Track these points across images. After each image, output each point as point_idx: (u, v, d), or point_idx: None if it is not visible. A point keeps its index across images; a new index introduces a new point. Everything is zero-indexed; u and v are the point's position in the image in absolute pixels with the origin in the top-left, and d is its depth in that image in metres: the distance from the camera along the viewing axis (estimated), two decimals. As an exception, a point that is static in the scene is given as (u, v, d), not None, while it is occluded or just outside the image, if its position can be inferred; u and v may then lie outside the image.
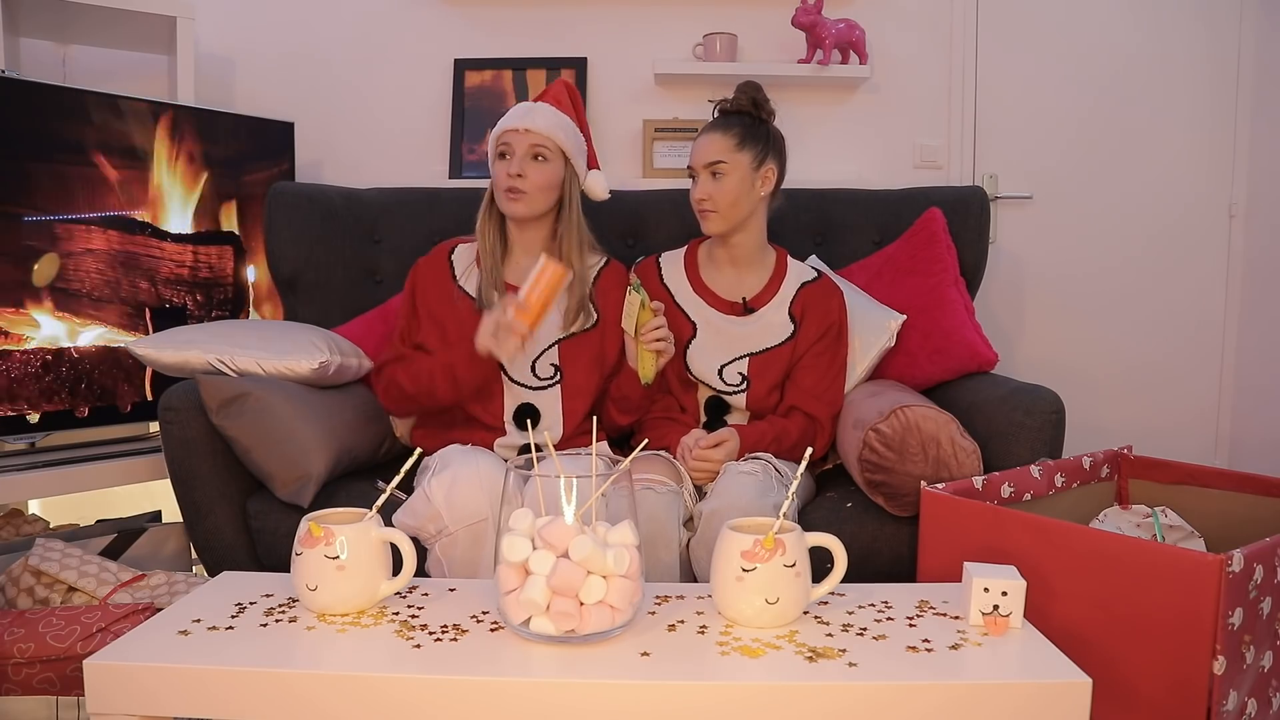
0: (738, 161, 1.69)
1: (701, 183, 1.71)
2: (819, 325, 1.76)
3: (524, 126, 1.69)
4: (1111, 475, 1.69)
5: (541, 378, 1.73)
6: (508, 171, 1.68)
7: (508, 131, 1.70)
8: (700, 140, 1.73)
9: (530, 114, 1.71)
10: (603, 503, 1.04)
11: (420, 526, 1.48)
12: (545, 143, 1.69)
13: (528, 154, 1.68)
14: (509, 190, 1.68)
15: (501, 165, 1.70)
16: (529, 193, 1.69)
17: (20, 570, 1.58)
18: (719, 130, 1.72)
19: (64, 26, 2.28)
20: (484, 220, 1.76)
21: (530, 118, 1.70)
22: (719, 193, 1.69)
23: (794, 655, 1.00)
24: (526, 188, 1.68)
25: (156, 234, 2.08)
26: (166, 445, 1.66)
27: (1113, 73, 2.62)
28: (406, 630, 1.06)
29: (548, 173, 1.70)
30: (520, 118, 1.70)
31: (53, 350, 1.91)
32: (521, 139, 1.68)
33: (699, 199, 1.72)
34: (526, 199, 1.69)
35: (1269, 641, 1.21)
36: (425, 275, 1.79)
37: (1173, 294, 2.69)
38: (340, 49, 2.58)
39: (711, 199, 1.70)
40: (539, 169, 1.69)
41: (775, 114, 1.76)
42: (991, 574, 1.08)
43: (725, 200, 1.70)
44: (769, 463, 1.61)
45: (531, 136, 1.68)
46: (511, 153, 1.69)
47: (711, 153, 1.70)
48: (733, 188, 1.69)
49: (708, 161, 1.70)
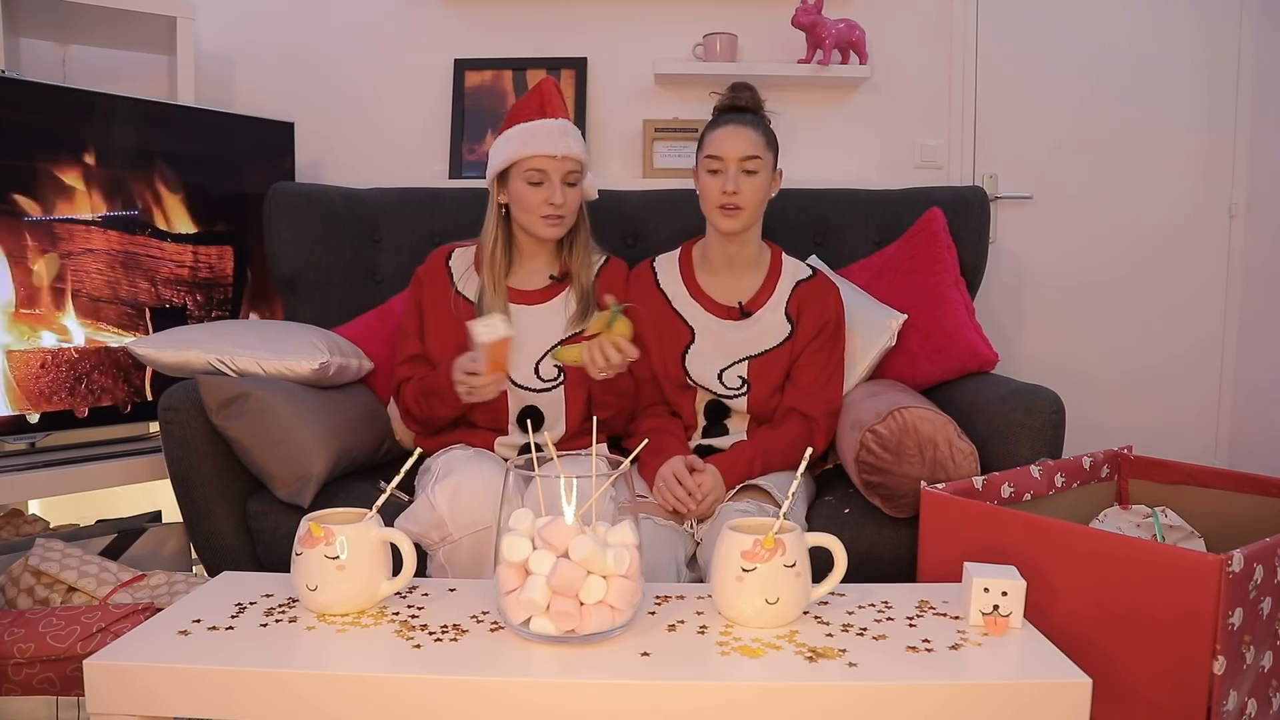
0: (768, 160, 1.67)
1: (733, 177, 1.63)
2: (816, 322, 1.75)
3: (562, 153, 1.65)
4: (1111, 475, 1.69)
5: (545, 379, 1.73)
6: (550, 201, 1.65)
7: (542, 157, 1.65)
8: (729, 132, 1.65)
9: (564, 138, 1.66)
10: (604, 501, 1.04)
11: (424, 533, 1.48)
12: (578, 167, 1.68)
13: (564, 180, 1.67)
14: (550, 217, 1.67)
15: (537, 193, 1.66)
16: (566, 217, 1.69)
17: (20, 570, 1.58)
18: (748, 125, 1.66)
19: (64, 26, 2.28)
20: (495, 231, 1.74)
21: (566, 143, 1.65)
22: (751, 189, 1.64)
23: (794, 655, 1.00)
24: (565, 213, 1.68)
25: (156, 234, 2.08)
26: (166, 445, 1.66)
27: (1113, 72, 2.62)
28: (406, 630, 1.06)
29: (578, 195, 1.71)
30: (557, 143, 1.65)
31: (52, 350, 1.91)
32: (559, 165, 1.65)
33: (730, 193, 1.63)
34: (564, 222, 1.70)
35: (1269, 641, 1.21)
36: (425, 283, 1.78)
37: (1173, 294, 2.69)
38: (340, 49, 2.58)
39: (742, 194, 1.64)
40: (573, 193, 1.69)
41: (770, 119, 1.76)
42: (991, 574, 1.08)
43: (755, 198, 1.66)
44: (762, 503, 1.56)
45: (568, 164, 1.66)
46: (548, 179, 1.65)
47: (747, 146, 1.63)
48: (763, 185, 1.66)
49: (744, 155, 1.63)
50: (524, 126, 1.68)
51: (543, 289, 1.77)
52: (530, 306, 1.75)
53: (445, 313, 1.75)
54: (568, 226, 1.72)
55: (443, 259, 1.81)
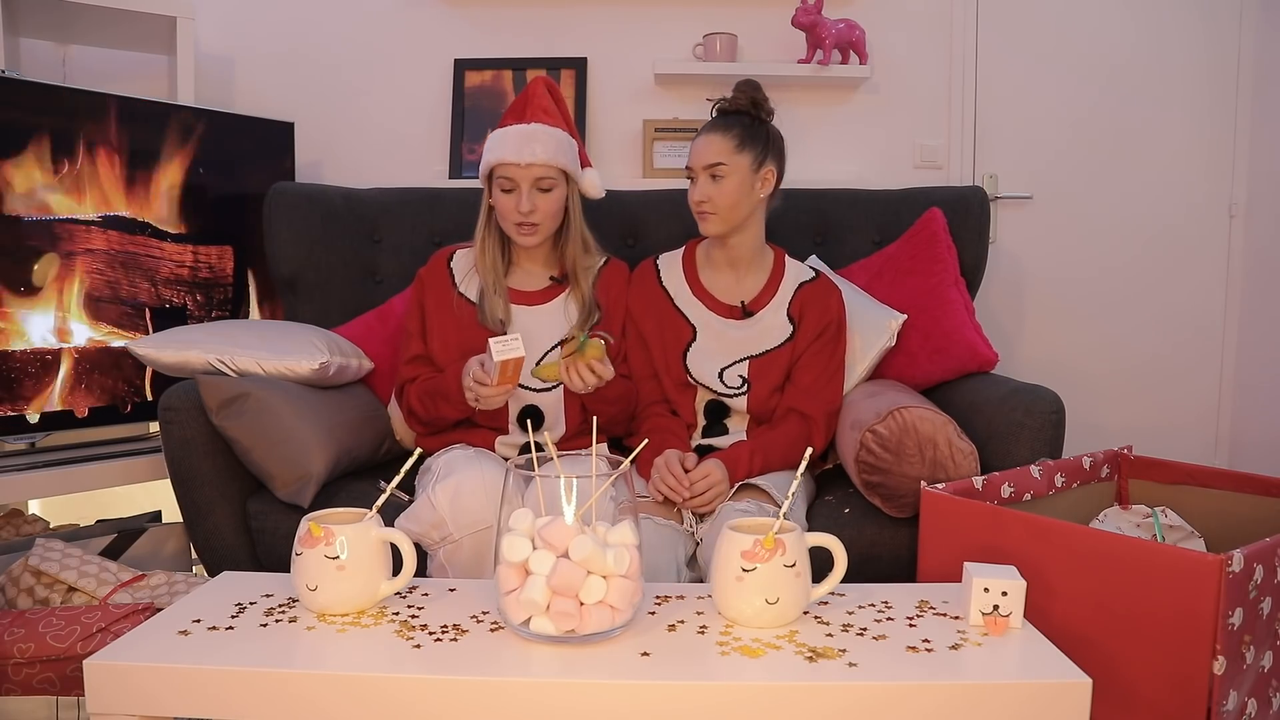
0: (737, 163, 1.67)
1: (700, 184, 1.69)
2: (817, 324, 1.75)
3: (525, 161, 1.64)
4: (1111, 475, 1.69)
5: (545, 381, 1.73)
6: (518, 209, 1.65)
7: (509, 165, 1.65)
8: (699, 141, 1.71)
9: (529, 144, 1.64)
10: (604, 501, 1.04)
11: (424, 533, 1.48)
12: (548, 173, 1.66)
13: (533, 187, 1.66)
14: (521, 225, 1.67)
15: (508, 200, 1.66)
16: (541, 223, 1.68)
17: (20, 570, 1.58)
18: (718, 131, 1.69)
19: (64, 26, 2.28)
20: (485, 236, 1.74)
21: (530, 150, 1.63)
22: (718, 194, 1.67)
23: (794, 655, 1.00)
24: (538, 219, 1.67)
25: (156, 234, 2.08)
26: (166, 445, 1.66)
27: (1112, 72, 2.62)
28: (406, 630, 1.06)
29: (554, 199, 1.69)
30: (517, 151, 1.64)
31: (53, 350, 1.91)
32: (524, 173, 1.65)
33: (698, 201, 1.69)
34: (539, 229, 1.69)
35: (1269, 641, 1.21)
36: (428, 284, 1.78)
37: (1173, 294, 2.69)
38: (340, 49, 2.58)
39: (710, 201, 1.68)
40: (546, 199, 1.67)
41: (774, 113, 1.75)
42: (991, 574, 1.08)
43: (724, 202, 1.68)
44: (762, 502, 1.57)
45: (534, 171, 1.65)
46: (516, 187, 1.65)
47: (710, 154, 1.68)
48: (732, 189, 1.68)
49: (707, 163, 1.68)
50: (498, 132, 1.69)
51: (543, 290, 1.77)
52: (530, 308, 1.76)
53: (447, 313, 1.75)
54: (544, 234, 1.71)
55: (444, 260, 1.81)
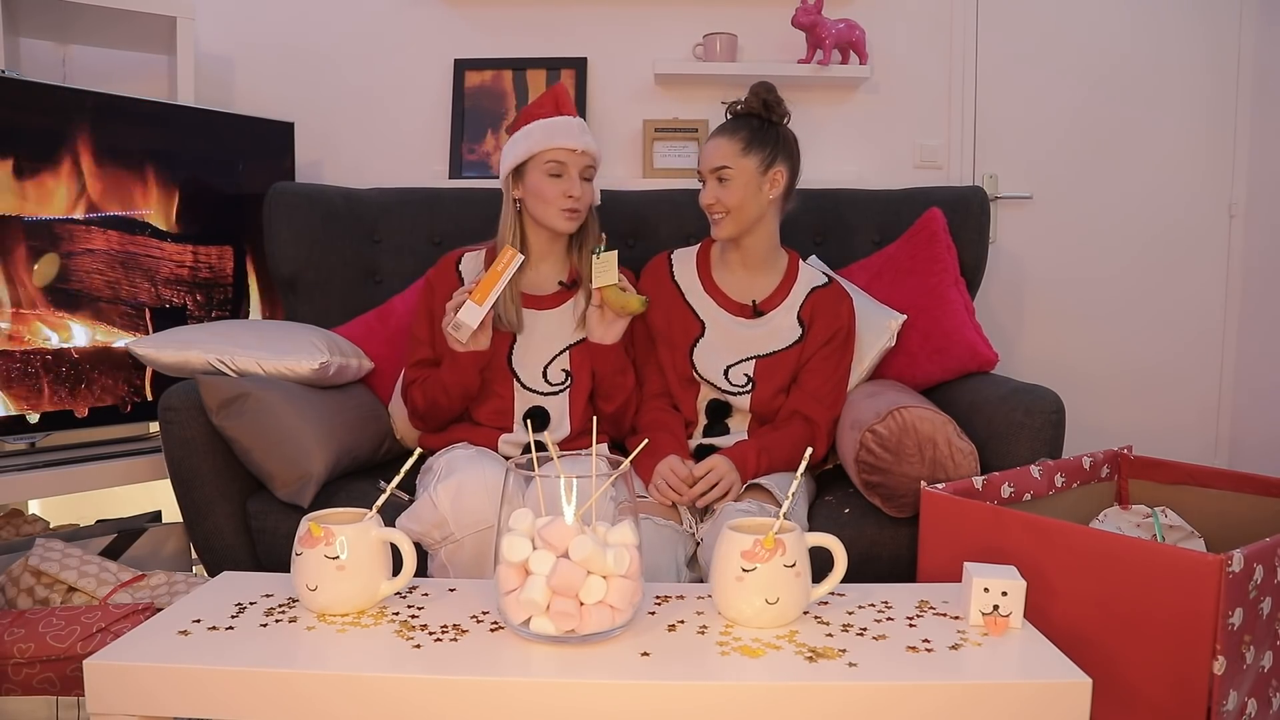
0: (743, 166, 1.68)
1: (709, 187, 1.71)
2: (827, 329, 1.76)
3: (581, 148, 1.70)
4: (1111, 475, 1.69)
5: (553, 384, 1.74)
6: (568, 193, 1.70)
7: (562, 150, 1.70)
8: (707, 144, 1.74)
9: (583, 134, 1.72)
10: (604, 501, 1.04)
11: (425, 532, 1.48)
12: (594, 163, 1.74)
13: (581, 175, 1.71)
14: (568, 211, 1.71)
15: (557, 185, 1.70)
16: (582, 210, 1.73)
17: (20, 570, 1.58)
18: (725, 135, 1.71)
19: (64, 26, 2.28)
20: (511, 230, 1.76)
21: (584, 138, 1.71)
22: (725, 197, 1.69)
23: (794, 655, 1.00)
24: (581, 206, 1.72)
25: (156, 234, 2.08)
26: (166, 445, 1.66)
27: (1112, 72, 2.62)
28: (406, 630, 1.06)
29: (591, 190, 1.75)
30: (576, 137, 1.70)
31: (52, 350, 1.91)
32: (578, 160, 1.70)
33: (708, 204, 1.72)
34: (579, 216, 1.73)
35: (1269, 641, 1.21)
36: (437, 288, 1.78)
37: (1173, 294, 2.69)
38: (340, 49, 2.58)
39: (720, 203, 1.70)
40: (588, 188, 1.74)
41: (789, 115, 1.76)
42: (991, 574, 1.08)
43: (732, 203, 1.69)
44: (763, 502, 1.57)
45: (586, 158, 1.71)
46: (566, 172, 1.70)
47: (716, 158, 1.70)
48: (738, 192, 1.69)
49: (713, 166, 1.70)
50: (544, 122, 1.72)
51: (553, 294, 1.78)
52: (540, 311, 1.76)
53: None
54: (581, 221, 1.75)
55: (453, 264, 1.81)
